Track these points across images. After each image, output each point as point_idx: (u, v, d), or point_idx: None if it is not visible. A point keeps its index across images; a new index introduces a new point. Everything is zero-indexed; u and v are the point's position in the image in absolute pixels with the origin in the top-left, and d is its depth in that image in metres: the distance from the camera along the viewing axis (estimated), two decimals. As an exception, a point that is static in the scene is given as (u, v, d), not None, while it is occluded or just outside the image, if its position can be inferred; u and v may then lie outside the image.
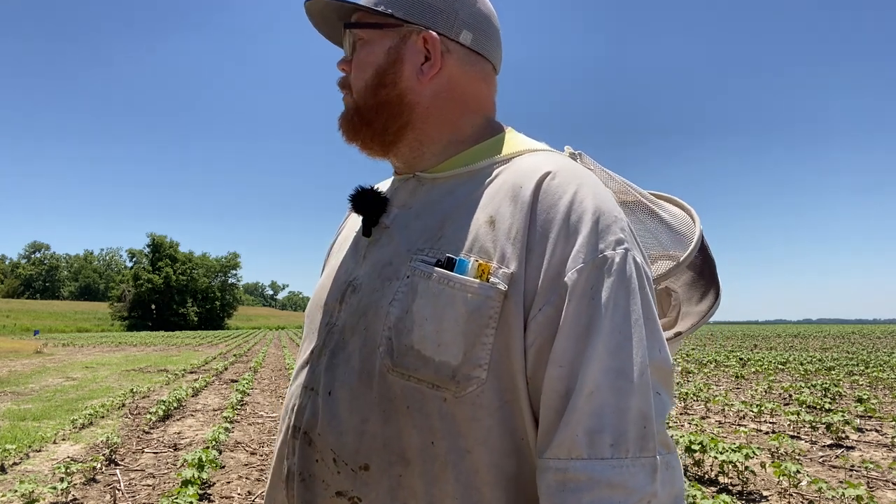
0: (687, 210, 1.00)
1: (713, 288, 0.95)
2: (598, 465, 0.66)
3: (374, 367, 0.75)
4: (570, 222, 0.72)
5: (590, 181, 0.77)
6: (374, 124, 0.85)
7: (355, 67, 0.86)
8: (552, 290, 0.71)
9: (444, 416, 0.72)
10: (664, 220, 0.97)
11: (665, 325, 0.96)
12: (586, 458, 0.66)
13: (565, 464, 0.67)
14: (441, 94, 0.85)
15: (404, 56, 0.84)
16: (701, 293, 0.96)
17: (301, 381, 0.84)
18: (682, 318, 0.96)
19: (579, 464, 0.66)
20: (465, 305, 0.72)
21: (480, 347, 0.71)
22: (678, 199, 1.03)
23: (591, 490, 0.65)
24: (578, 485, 0.66)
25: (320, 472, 0.77)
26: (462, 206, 0.80)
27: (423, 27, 0.83)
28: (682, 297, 0.97)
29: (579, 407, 0.67)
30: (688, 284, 0.97)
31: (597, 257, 0.71)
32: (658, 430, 0.69)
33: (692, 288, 0.97)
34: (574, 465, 0.66)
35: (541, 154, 0.83)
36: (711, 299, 0.95)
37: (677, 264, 0.93)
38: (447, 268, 0.74)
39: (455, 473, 0.71)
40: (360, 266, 0.85)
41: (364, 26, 0.85)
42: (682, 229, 0.95)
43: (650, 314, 0.72)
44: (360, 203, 0.87)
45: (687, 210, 1.00)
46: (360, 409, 0.75)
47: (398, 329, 0.74)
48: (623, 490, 0.65)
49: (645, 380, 0.69)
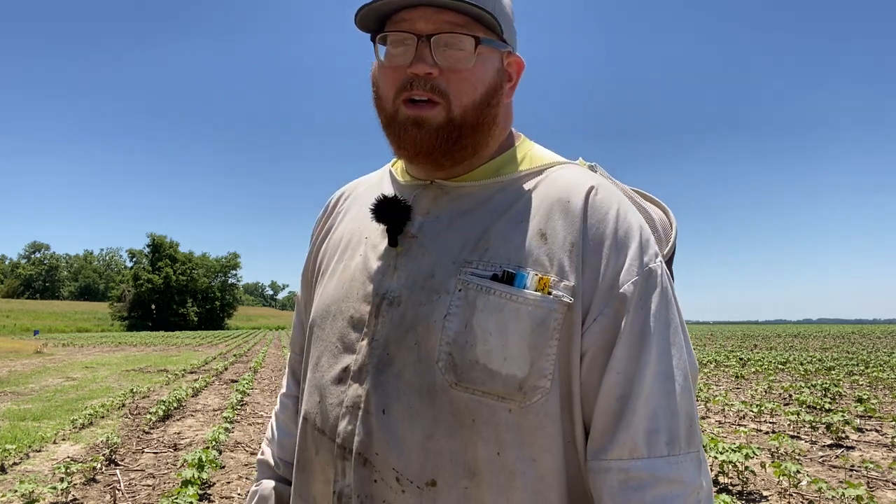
0: (663, 208, 1.03)
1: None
2: (658, 463, 0.71)
3: (434, 383, 0.75)
4: (618, 236, 0.77)
5: (624, 197, 0.84)
6: (462, 141, 0.80)
7: (461, 80, 0.78)
8: (607, 300, 0.75)
9: (511, 427, 0.74)
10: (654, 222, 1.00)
11: None
12: (647, 457, 0.71)
13: (627, 464, 0.71)
14: (506, 115, 0.88)
15: (504, 77, 0.85)
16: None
17: (340, 400, 0.80)
18: None
19: (641, 463, 0.71)
20: (530, 319, 0.74)
21: (546, 359, 0.74)
22: (657, 199, 1.07)
23: (654, 486, 0.70)
24: (641, 482, 0.71)
25: (380, 492, 0.76)
26: (504, 217, 0.80)
27: (512, 50, 0.86)
28: None
29: (638, 410, 0.72)
30: None
31: (644, 270, 0.77)
32: (697, 427, 0.77)
33: None
34: (636, 465, 0.71)
35: (571, 168, 0.86)
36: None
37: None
38: (506, 281, 0.75)
39: (523, 482, 0.74)
40: (391, 277, 0.81)
41: (489, 42, 0.80)
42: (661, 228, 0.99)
43: (681, 320, 0.79)
44: (384, 211, 0.83)
45: (663, 208, 1.03)
46: (422, 425, 0.75)
47: (459, 344, 0.74)
48: (679, 484, 0.71)
49: (687, 382, 0.75)
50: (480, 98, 0.80)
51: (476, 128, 0.80)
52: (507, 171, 0.85)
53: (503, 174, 0.84)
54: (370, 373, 0.78)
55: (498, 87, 0.83)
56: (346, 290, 0.86)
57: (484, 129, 0.82)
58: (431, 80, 0.78)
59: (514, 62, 0.87)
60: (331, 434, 0.80)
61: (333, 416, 0.81)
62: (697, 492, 0.72)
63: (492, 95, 0.81)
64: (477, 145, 0.83)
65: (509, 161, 0.86)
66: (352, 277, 0.86)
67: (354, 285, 0.85)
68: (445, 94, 0.78)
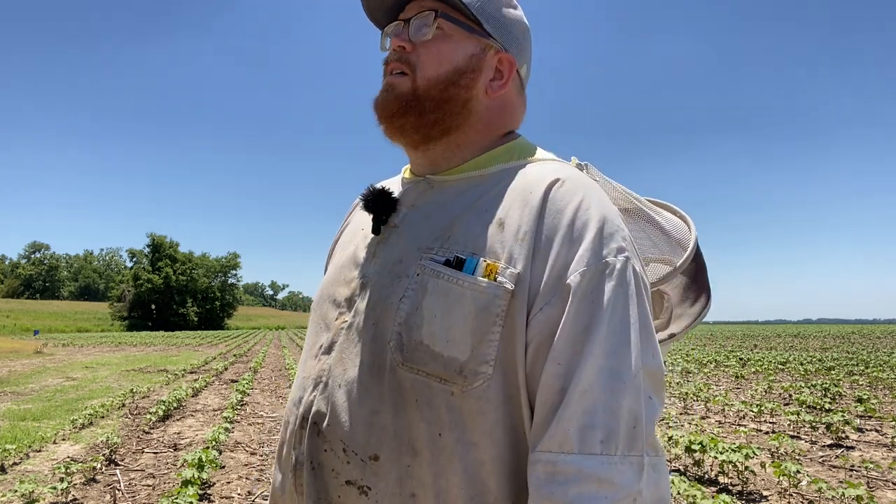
0: (683, 218, 1.04)
1: (704, 292, 1.00)
2: (587, 460, 0.68)
3: (384, 361, 0.78)
4: (575, 227, 0.76)
5: (596, 191, 0.81)
6: (427, 115, 0.86)
7: (428, 54, 0.86)
8: (554, 290, 0.74)
9: (452, 410, 0.74)
10: (662, 227, 1.01)
11: (658, 326, 1.00)
12: (576, 453, 0.68)
13: (555, 457, 0.69)
14: (493, 110, 0.90)
15: (483, 67, 0.88)
16: (694, 297, 1.00)
17: (309, 374, 0.86)
18: (675, 320, 1.00)
19: (569, 457, 0.68)
20: (474, 303, 0.74)
21: (487, 344, 0.74)
22: (675, 207, 1.08)
23: (579, 483, 0.67)
24: (567, 477, 0.68)
25: (329, 461, 0.79)
26: (472, 207, 0.83)
27: (503, 48, 0.89)
28: (674, 301, 1.02)
29: (573, 403, 0.70)
30: (681, 288, 1.02)
31: (599, 262, 0.74)
32: (648, 432, 0.71)
33: (685, 292, 1.01)
34: (564, 459, 0.68)
35: (550, 163, 0.87)
36: (703, 303, 0.99)
37: (674, 269, 0.97)
38: (456, 267, 0.77)
39: (462, 465, 0.74)
40: (370, 264, 0.87)
41: (456, 22, 0.87)
42: (678, 236, 1.00)
43: (646, 321, 0.75)
44: (371, 202, 0.90)
45: (683, 218, 1.04)
46: (370, 401, 0.78)
47: (408, 325, 0.77)
48: (610, 486, 0.67)
49: (637, 382, 0.71)
50: (445, 75, 0.86)
51: (440, 104, 0.85)
52: (488, 166, 0.87)
53: (484, 168, 0.87)
54: (335, 350, 0.84)
55: (467, 71, 0.86)
56: (336, 275, 0.92)
57: (450, 108, 0.86)
58: (403, 54, 0.87)
59: (504, 59, 0.89)
60: (297, 405, 0.86)
61: (302, 388, 0.86)
62: (634, 498, 0.68)
63: (459, 76, 0.86)
64: (444, 124, 0.86)
65: (496, 157, 0.88)
66: (343, 264, 0.92)
67: (343, 271, 0.91)
68: (413, 66, 0.86)
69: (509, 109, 0.92)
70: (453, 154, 0.89)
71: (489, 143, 0.90)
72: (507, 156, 0.88)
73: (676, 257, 0.97)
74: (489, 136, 0.90)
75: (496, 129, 0.91)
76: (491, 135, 0.90)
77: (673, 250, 0.98)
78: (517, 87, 0.93)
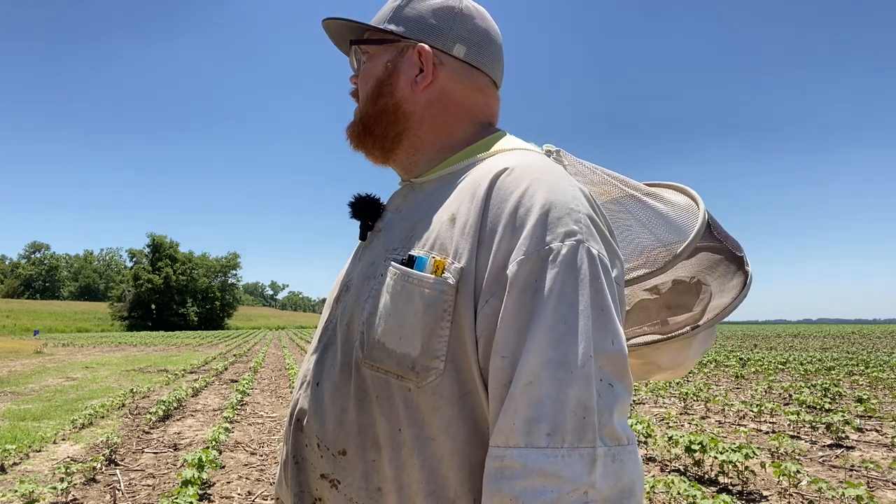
0: (691, 196, 1.01)
1: (740, 269, 0.97)
2: (532, 454, 0.66)
3: (351, 360, 0.81)
4: (517, 216, 0.73)
5: (546, 177, 0.77)
6: (374, 131, 0.92)
7: (361, 80, 0.93)
8: (497, 282, 0.72)
9: (409, 405, 0.76)
10: (659, 210, 0.98)
11: (688, 319, 0.96)
12: (522, 447, 0.67)
13: (503, 451, 0.68)
14: (434, 104, 0.90)
15: (400, 68, 0.90)
16: (729, 273, 0.98)
17: (301, 373, 0.92)
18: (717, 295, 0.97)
19: (515, 452, 0.67)
20: (422, 300, 0.75)
21: (437, 340, 0.74)
22: (681, 186, 1.04)
23: (525, 478, 0.66)
24: (513, 472, 0.66)
25: (309, 455, 0.84)
26: (433, 206, 0.84)
27: (417, 41, 0.89)
28: (711, 283, 0.98)
29: (517, 396, 0.68)
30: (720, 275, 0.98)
31: (542, 249, 0.71)
32: (604, 421, 0.68)
33: (723, 277, 0.98)
34: (510, 453, 0.67)
35: (510, 153, 0.84)
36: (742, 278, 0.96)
37: (675, 256, 0.94)
38: (409, 265, 0.78)
39: (421, 460, 0.75)
40: (355, 268, 0.92)
41: (367, 42, 0.92)
42: (682, 217, 0.97)
43: (603, 304, 0.71)
44: (356, 209, 0.94)
45: (691, 196, 1.01)
46: (340, 398, 0.81)
47: (369, 323, 0.79)
48: (556, 479, 0.65)
49: (587, 371, 0.68)
50: (371, 90, 0.92)
51: (377, 117, 0.91)
52: (459, 163, 0.87)
53: (454, 167, 0.88)
54: (319, 350, 0.89)
55: (385, 78, 0.90)
56: (336, 282, 0.97)
57: (386, 118, 0.90)
58: (355, 88, 0.96)
59: (418, 52, 0.89)
60: (293, 403, 0.90)
61: (295, 388, 0.92)
62: (585, 491, 0.64)
63: (381, 86, 0.91)
64: (391, 133, 0.91)
65: (468, 154, 0.88)
66: (341, 272, 0.98)
67: (340, 278, 0.96)
68: (358, 95, 0.95)
69: (454, 98, 0.90)
70: (416, 157, 0.92)
71: (456, 140, 0.90)
72: (475, 151, 0.88)
73: (680, 239, 0.95)
74: (447, 132, 0.90)
75: (451, 124, 0.91)
76: (447, 131, 0.90)
77: (675, 232, 0.96)
78: (454, 73, 0.90)
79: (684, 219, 0.97)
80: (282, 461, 0.91)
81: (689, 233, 0.95)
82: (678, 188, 1.05)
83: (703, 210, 0.97)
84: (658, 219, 0.97)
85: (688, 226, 0.96)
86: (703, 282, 0.98)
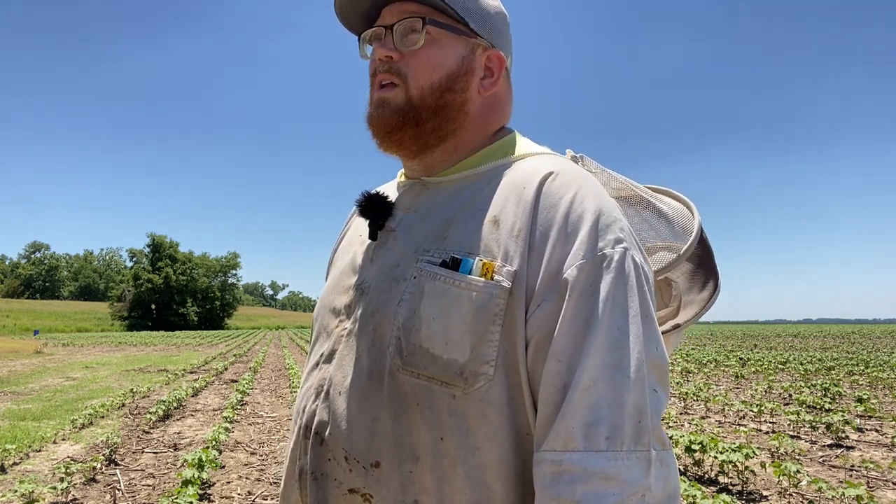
0: (685, 203, 1.02)
1: (712, 278, 0.98)
2: (593, 458, 0.66)
3: (383, 367, 0.77)
4: (570, 221, 0.74)
5: (590, 183, 0.79)
6: (425, 124, 0.84)
7: (418, 62, 0.83)
8: (551, 286, 0.72)
9: (454, 413, 0.73)
10: (664, 213, 0.99)
11: (667, 315, 0.98)
12: (582, 451, 0.67)
13: (561, 455, 0.67)
14: (486, 109, 0.88)
15: (474, 68, 0.86)
16: (702, 283, 0.99)
17: (311, 383, 0.86)
18: (684, 307, 0.98)
19: (575, 456, 0.67)
20: (471, 304, 0.73)
21: (487, 345, 0.73)
22: (676, 193, 1.06)
23: (586, 482, 0.65)
24: (573, 476, 0.66)
25: (332, 470, 0.78)
26: (466, 207, 0.81)
27: (490, 45, 0.87)
28: (682, 288, 1.00)
29: (576, 400, 0.68)
30: (688, 275, 1.00)
31: (596, 255, 0.72)
32: (654, 425, 0.70)
33: (693, 278, 1.00)
34: (570, 457, 0.67)
35: (543, 157, 0.85)
36: (711, 288, 0.97)
37: (678, 256, 0.95)
38: (453, 267, 0.75)
39: (465, 469, 0.72)
40: (368, 269, 0.86)
41: (443, 25, 0.84)
42: (681, 222, 0.98)
43: (648, 312, 0.73)
44: (366, 207, 0.89)
45: (685, 203, 1.02)
46: (371, 407, 0.77)
47: (406, 328, 0.76)
48: (617, 482, 0.65)
49: (641, 375, 0.69)
50: (439, 81, 0.83)
51: (437, 111, 0.84)
52: (482, 164, 0.86)
53: (479, 167, 0.86)
54: (335, 357, 0.83)
55: (461, 75, 0.85)
56: (335, 283, 0.91)
57: (447, 114, 0.84)
58: (391, 64, 0.84)
59: (493, 56, 0.87)
60: (301, 415, 0.85)
61: (305, 398, 0.86)
62: (643, 494, 0.66)
63: (453, 81, 0.84)
64: (442, 131, 0.85)
65: (489, 155, 0.87)
66: (342, 272, 0.91)
67: (342, 279, 0.90)
68: (404, 76, 0.83)
69: (501, 105, 0.90)
70: (450, 157, 0.88)
71: (483, 141, 0.89)
72: (501, 152, 0.87)
73: (680, 243, 0.96)
74: (483, 135, 0.89)
75: (490, 127, 0.90)
76: (485, 133, 0.89)
77: (676, 236, 0.97)
78: (506, 80, 0.91)
79: (683, 221, 0.98)
80: (293, 476, 0.84)
81: (688, 236, 0.96)
82: (673, 194, 1.06)
83: (697, 215, 0.99)
84: (662, 220, 0.99)
85: (686, 229, 0.97)
86: (672, 279, 1.00)
